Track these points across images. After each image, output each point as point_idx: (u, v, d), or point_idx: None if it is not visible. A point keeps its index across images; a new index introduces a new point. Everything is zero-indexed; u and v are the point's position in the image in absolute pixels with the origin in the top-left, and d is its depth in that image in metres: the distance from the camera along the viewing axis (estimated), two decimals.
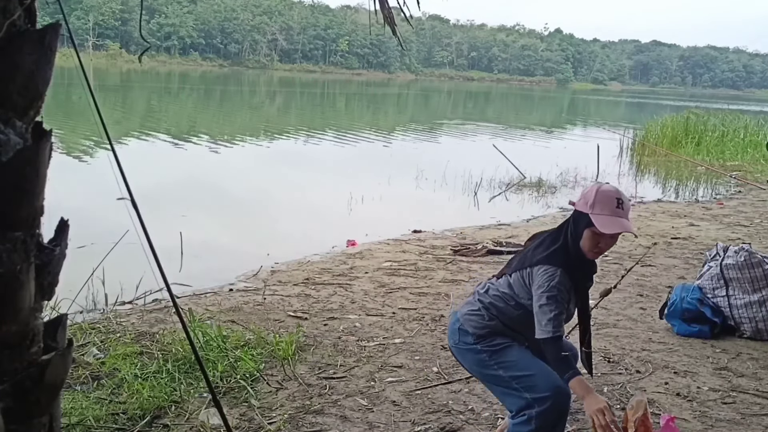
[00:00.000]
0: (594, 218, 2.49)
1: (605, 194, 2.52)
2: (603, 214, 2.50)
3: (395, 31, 2.43)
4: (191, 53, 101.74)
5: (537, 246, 2.67)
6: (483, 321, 2.67)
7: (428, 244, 7.15)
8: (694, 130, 17.67)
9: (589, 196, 2.54)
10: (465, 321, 2.72)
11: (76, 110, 19.94)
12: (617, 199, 2.52)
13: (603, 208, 2.50)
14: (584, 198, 2.56)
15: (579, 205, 2.57)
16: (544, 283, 2.51)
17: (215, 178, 11.51)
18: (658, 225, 8.45)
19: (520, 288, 2.63)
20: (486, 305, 2.69)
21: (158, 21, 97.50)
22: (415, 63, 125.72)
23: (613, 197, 2.52)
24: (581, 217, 2.55)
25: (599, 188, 2.56)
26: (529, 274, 2.59)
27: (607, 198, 2.51)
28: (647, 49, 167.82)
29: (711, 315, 4.47)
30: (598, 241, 2.53)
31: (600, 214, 2.49)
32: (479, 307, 2.70)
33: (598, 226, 2.48)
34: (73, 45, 1.75)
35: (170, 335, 4.05)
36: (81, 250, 5.33)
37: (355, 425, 3.18)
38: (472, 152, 16.68)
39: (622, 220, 2.51)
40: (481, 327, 2.66)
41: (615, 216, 2.50)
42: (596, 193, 2.52)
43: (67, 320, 1.37)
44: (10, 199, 1.15)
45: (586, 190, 2.60)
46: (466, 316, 2.73)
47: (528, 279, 2.60)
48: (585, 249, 2.56)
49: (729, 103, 42.58)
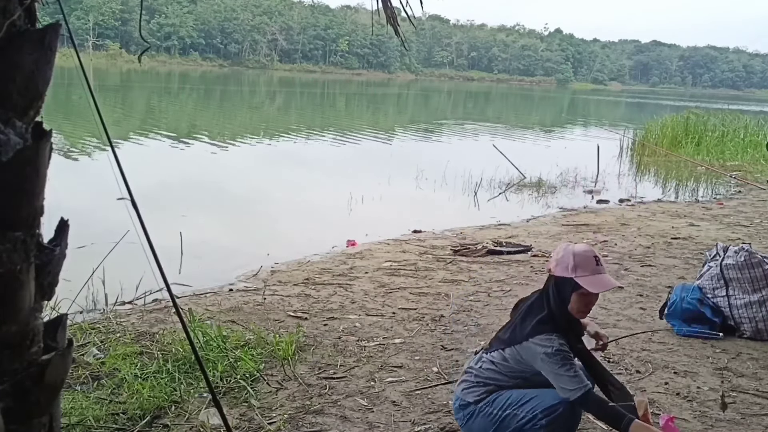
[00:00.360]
0: (581, 281, 2.57)
1: (583, 256, 2.60)
2: (587, 275, 2.58)
3: (398, 31, 2.43)
4: (191, 53, 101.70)
5: (523, 318, 2.72)
6: (482, 389, 2.75)
7: (428, 244, 7.15)
8: (694, 130, 17.67)
9: (567, 260, 2.60)
10: (464, 395, 2.80)
11: (76, 110, 19.93)
12: (594, 258, 2.62)
13: (585, 269, 2.58)
14: (561, 263, 2.61)
15: (559, 271, 2.62)
16: (546, 350, 2.56)
17: (215, 178, 11.52)
18: (658, 225, 8.45)
19: (517, 363, 2.68)
20: (483, 379, 2.76)
21: (158, 21, 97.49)
22: (415, 63, 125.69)
23: (591, 256, 2.61)
24: (564, 282, 2.60)
25: (574, 251, 2.61)
26: (525, 348, 2.63)
27: (585, 259, 2.60)
28: (647, 49, 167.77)
29: (711, 315, 4.47)
30: (586, 302, 2.62)
31: (584, 275, 2.58)
32: (476, 381, 2.77)
33: (588, 287, 2.57)
34: (73, 45, 1.75)
35: (170, 335, 4.05)
36: (81, 250, 5.33)
37: (355, 425, 3.18)
38: (472, 152, 16.69)
39: (605, 276, 2.63)
40: (481, 393, 2.75)
41: (598, 274, 2.60)
42: (574, 257, 2.59)
43: (67, 320, 1.37)
44: (10, 199, 1.15)
45: (560, 254, 2.65)
46: (464, 391, 2.81)
47: (525, 354, 2.64)
48: (574, 311, 2.63)
49: (729, 103, 42.56)
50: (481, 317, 4.78)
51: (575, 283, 2.57)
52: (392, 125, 25.75)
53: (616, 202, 10.69)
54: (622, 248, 7.07)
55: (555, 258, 2.66)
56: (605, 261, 6.52)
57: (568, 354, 2.55)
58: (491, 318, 4.77)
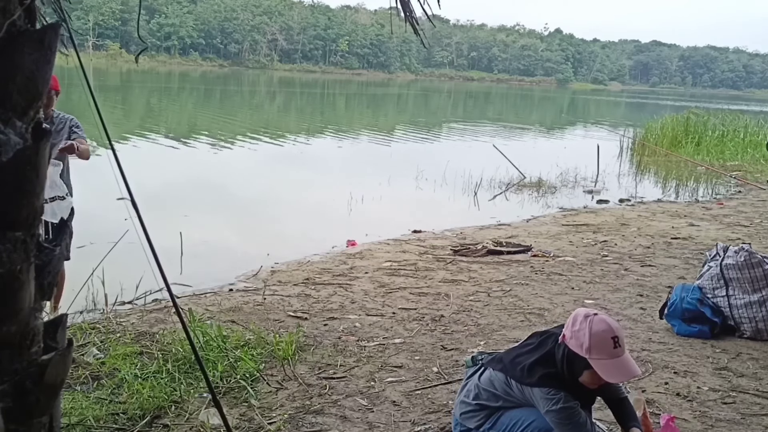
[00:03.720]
0: (595, 365, 2.37)
1: (600, 337, 2.37)
2: (603, 359, 2.37)
3: (416, 30, 2.40)
4: (191, 53, 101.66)
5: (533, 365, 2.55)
6: (481, 413, 2.73)
7: (428, 244, 7.15)
8: (694, 130, 17.68)
9: (582, 338, 2.39)
10: (464, 421, 2.79)
11: (76, 110, 19.90)
12: (613, 339, 2.38)
13: (601, 353, 2.37)
14: (576, 338, 2.41)
15: (573, 345, 2.42)
16: (550, 408, 2.46)
17: (215, 178, 11.52)
18: (658, 225, 8.45)
19: (521, 393, 2.59)
20: (483, 401, 2.72)
21: (158, 21, 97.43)
22: (415, 63, 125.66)
23: (608, 337, 2.38)
24: (577, 358, 2.42)
25: (591, 330, 2.38)
26: (531, 392, 2.54)
27: (602, 341, 2.37)
28: (647, 49, 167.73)
29: (711, 315, 4.47)
30: (600, 381, 2.43)
31: (599, 359, 2.37)
32: (475, 405, 2.75)
33: (603, 375, 2.38)
34: (73, 45, 1.75)
35: (170, 335, 4.05)
36: (81, 250, 5.32)
37: (355, 425, 3.18)
38: (472, 152, 16.68)
39: (625, 361, 2.40)
40: (481, 419, 2.73)
41: (615, 357, 2.38)
42: (590, 337, 2.37)
43: (67, 320, 1.37)
44: (10, 199, 1.15)
45: (576, 327, 2.43)
46: (464, 416, 2.79)
47: (529, 395, 2.56)
48: (587, 384, 2.47)
49: (729, 103, 42.61)
50: (481, 317, 4.78)
51: (587, 363, 2.40)
52: (392, 125, 25.74)
53: (616, 202, 10.69)
54: (622, 248, 7.07)
55: (570, 327, 2.45)
56: (605, 261, 6.52)
57: (572, 410, 2.45)
58: (491, 318, 4.77)
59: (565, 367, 2.46)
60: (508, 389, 2.62)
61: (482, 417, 2.71)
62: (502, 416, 2.65)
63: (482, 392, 2.72)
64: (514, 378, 2.59)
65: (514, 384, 2.60)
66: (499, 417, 2.66)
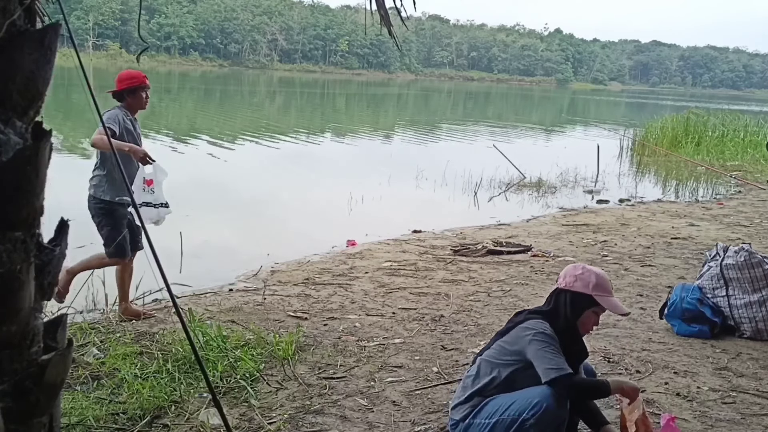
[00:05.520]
0: (600, 299, 2.69)
1: (603, 278, 2.75)
2: (605, 296, 2.72)
3: (391, 32, 2.43)
4: (191, 53, 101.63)
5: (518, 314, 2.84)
6: (466, 405, 2.77)
7: (428, 244, 7.15)
8: (694, 130, 17.68)
9: (588, 278, 2.71)
10: (453, 414, 2.84)
11: (76, 110, 19.93)
12: (608, 282, 2.78)
13: (604, 290, 2.72)
14: (581, 280, 2.72)
15: (577, 287, 2.71)
16: (536, 330, 2.63)
17: (215, 178, 11.51)
18: (658, 225, 8.45)
19: (504, 354, 2.69)
20: (469, 393, 2.77)
21: (158, 21, 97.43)
22: (415, 63, 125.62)
23: (608, 280, 2.78)
24: (581, 298, 2.71)
25: (596, 272, 2.75)
26: (515, 334, 2.69)
27: (605, 281, 2.75)
28: (647, 49, 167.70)
29: (711, 315, 4.47)
30: (594, 321, 2.76)
31: (602, 295, 2.71)
32: (463, 397, 2.79)
33: (609, 308, 2.71)
34: (73, 45, 1.75)
35: (170, 335, 4.05)
36: (81, 250, 5.32)
37: (355, 425, 3.18)
38: (472, 152, 16.68)
39: (618, 302, 2.78)
40: (466, 409, 2.77)
41: (612, 297, 2.76)
42: (596, 277, 2.72)
43: (67, 320, 1.37)
44: (10, 199, 1.15)
45: (578, 272, 2.75)
46: (453, 410, 2.84)
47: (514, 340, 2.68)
48: (583, 327, 2.75)
49: (729, 103, 42.61)
50: (481, 317, 4.78)
51: (591, 300, 2.69)
52: (392, 125, 25.75)
53: (616, 202, 10.69)
54: (622, 248, 7.07)
55: (573, 274, 2.74)
56: (605, 261, 6.53)
57: (555, 341, 2.62)
58: (491, 318, 4.77)
59: (568, 308, 2.70)
60: (503, 347, 2.72)
61: (467, 408, 2.75)
62: (487, 405, 2.70)
63: (470, 381, 2.77)
64: (504, 334, 2.75)
65: (496, 347, 2.74)
66: (483, 406, 2.71)
